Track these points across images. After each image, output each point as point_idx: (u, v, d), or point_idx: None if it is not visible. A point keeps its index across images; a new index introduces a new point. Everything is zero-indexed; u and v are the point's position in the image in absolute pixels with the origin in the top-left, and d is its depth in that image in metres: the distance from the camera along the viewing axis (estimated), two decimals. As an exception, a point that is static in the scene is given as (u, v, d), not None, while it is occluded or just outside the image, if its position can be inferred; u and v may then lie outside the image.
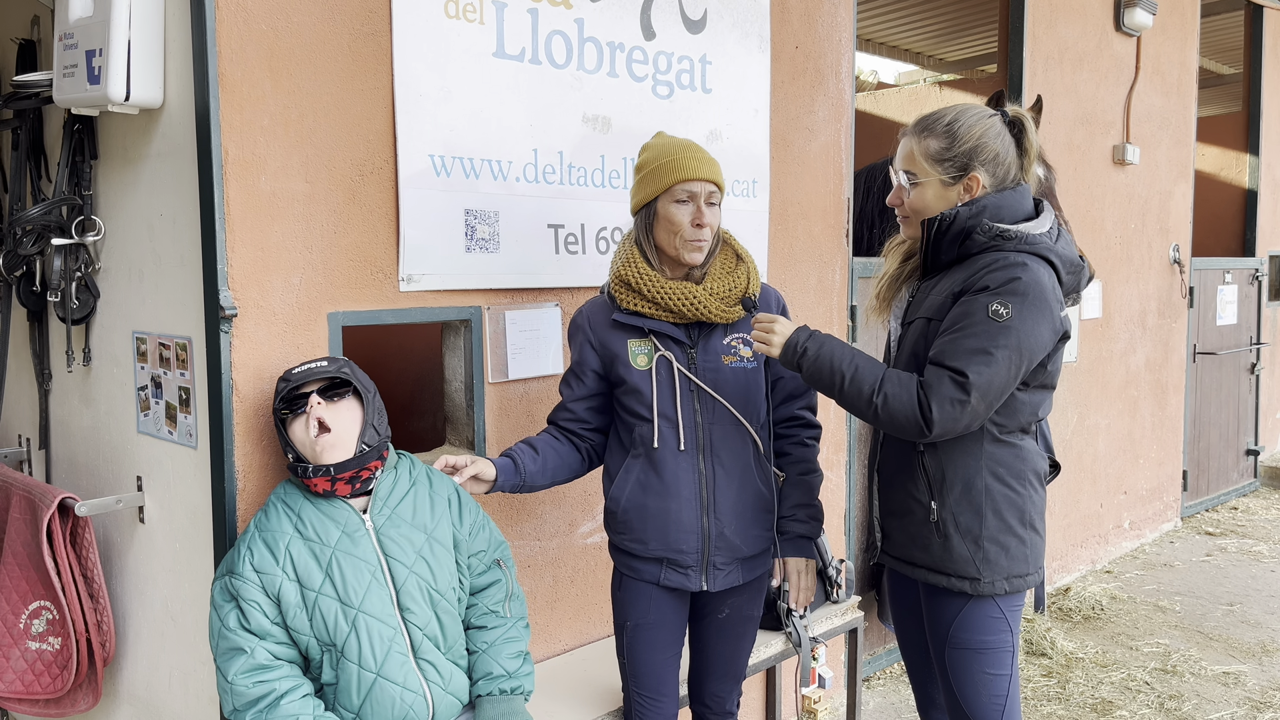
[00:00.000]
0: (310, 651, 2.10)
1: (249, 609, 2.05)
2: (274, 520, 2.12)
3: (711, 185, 2.31)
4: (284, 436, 2.15)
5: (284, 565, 2.08)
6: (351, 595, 2.08)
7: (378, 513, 2.17)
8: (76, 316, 2.63)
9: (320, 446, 2.09)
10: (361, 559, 2.11)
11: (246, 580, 2.06)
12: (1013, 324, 2.07)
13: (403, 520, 2.19)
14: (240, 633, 2.05)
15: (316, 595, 2.07)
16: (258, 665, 2.04)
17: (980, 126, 2.23)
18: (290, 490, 2.17)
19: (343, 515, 2.14)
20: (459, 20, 2.55)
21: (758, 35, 3.34)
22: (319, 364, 2.16)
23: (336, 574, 2.09)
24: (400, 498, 2.21)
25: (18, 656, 2.55)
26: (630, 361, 2.38)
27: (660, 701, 2.51)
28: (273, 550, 2.08)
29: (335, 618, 2.07)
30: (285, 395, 2.13)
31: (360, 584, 2.09)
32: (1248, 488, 7.35)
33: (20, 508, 2.58)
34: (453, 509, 2.28)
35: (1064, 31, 5.12)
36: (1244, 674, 4.25)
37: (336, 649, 2.08)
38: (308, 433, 2.10)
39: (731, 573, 2.41)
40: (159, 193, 2.35)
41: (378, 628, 2.09)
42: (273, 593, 2.06)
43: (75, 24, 2.28)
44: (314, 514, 2.13)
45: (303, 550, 2.09)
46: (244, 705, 2.03)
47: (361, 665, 2.08)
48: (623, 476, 2.41)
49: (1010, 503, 2.21)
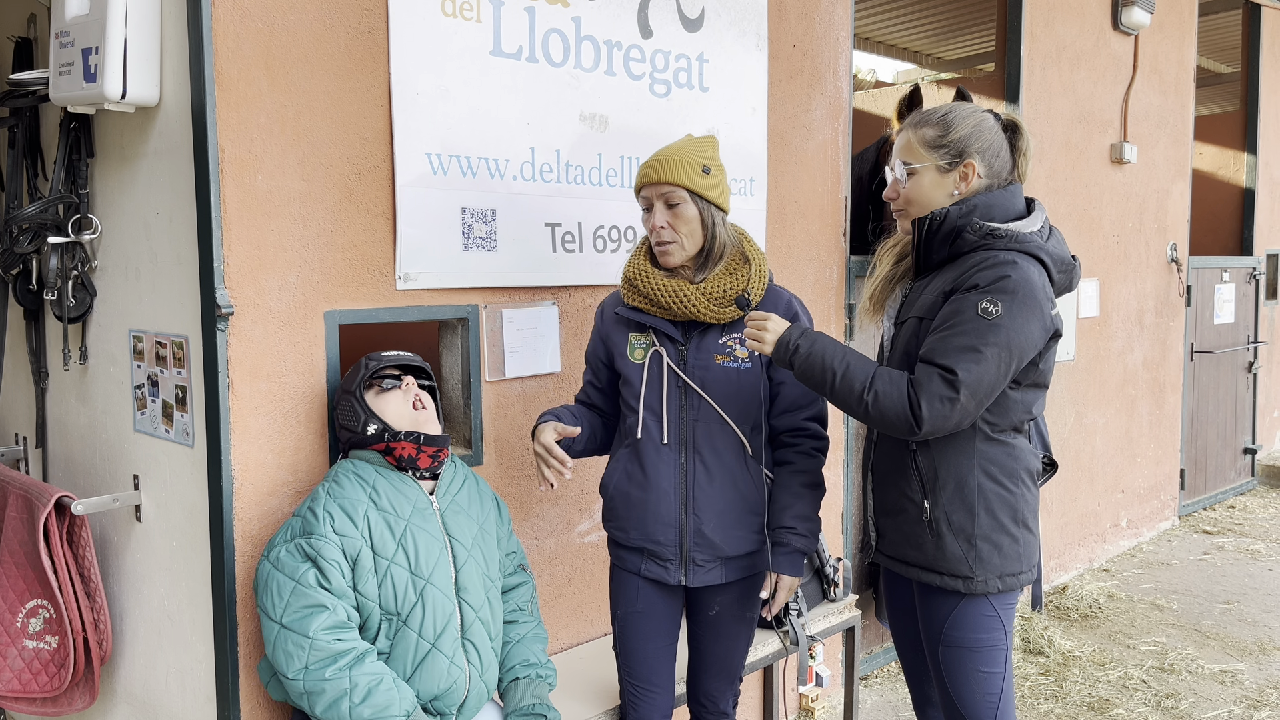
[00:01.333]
0: (370, 619, 2.15)
1: (328, 568, 2.08)
2: (349, 489, 2.18)
3: (668, 187, 2.30)
4: (365, 408, 2.25)
5: (362, 530, 2.14)
6: (423, 567, 2.17)
7: (442, 496, 2.31)
8: (73, 315, 2.63)
9: (422, 418, 2.28)
10: (432, 535, 2.22)
11: (328, 540, 2.09)
12: (1002, 322, 2.07)
13: (461, 509, 2.32)
14: (320, 590, 2.07)
15: (389, 564, 2.14)
16: (339, 623, 2.07)
17: (974, 118, 2.25)
18: (361, 464, 2.25)
19: (413, 492, 2.25)
20: (456, 18, 2.55)
21: (755, 34, 3.34)
22: (406, 354, 2.36)
23: (410, 545, 2.18)
24: (459, 488, 2.36)
25: (15, 655, 2.55)
26: (627, 354, 2.44)
27: (653, 692, 2.53)
28: (351, 515, 2.14)
29: (405, 587, 2.15)
30: (375, 371, 2.28)
31: (431, 558, 2.20)
32: (1245, 486, 7.36)
33: (17, 506, 2.58)
34: (497, 508, 2.47)
35: (1062, 30, 5.12)
36: (1241, 672, 4.25)
37: (399, 617, 2.15)
38: (407, 404, 2.28)
39: (713, 570, 2.42)
40: (155, 191, 2.35)
41: (441, 601, 2.19)
42: (351, 555, 2.12)
43: (72, 22, 2.28)
44: (388, 487, 2.22)
45: (378, 519, 2.17)
46: (323, 660, 2.03)
47: (421, 635, 2.15)
48: (613, 465, 2.48)
49: (1003, 501, 2.22)
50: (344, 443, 2.30)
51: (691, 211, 2.32)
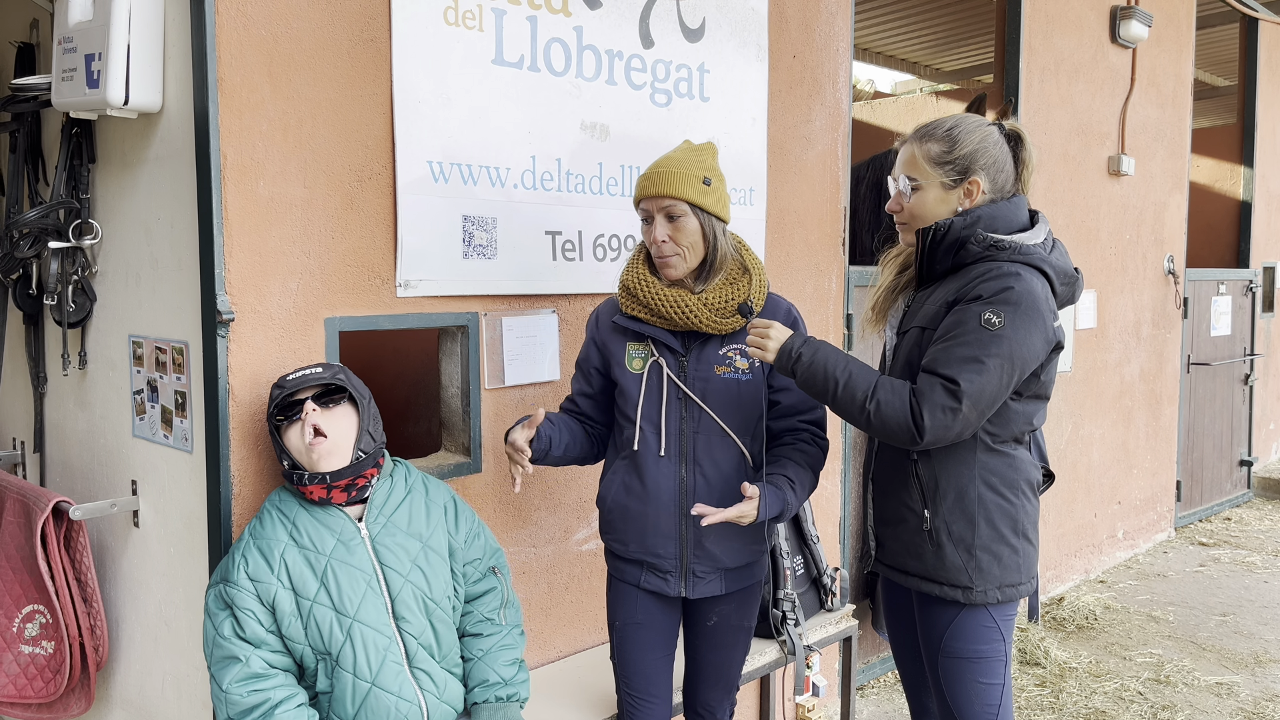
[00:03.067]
0: (305, 660, 2.09)
1: (244, 617, 2.04)
2: (269, 528, 2.11)
3: (669, 200, 2.29)
4: (279, 443, 2.13)
5: (279, 573, 2.07)
6: (347, 604, 2.07)
7: (373, 521, 2.17)
8: (73, 320, 2.63)
9: (316, 454, 2.07)
10: (357, 568, 2.11)
11: (241, 588, 2.04)
12: (1005, 333, 2.08)
13: (398, 528, 2.18)
14: (235, 641, 2.03)
15: (312, 604, 2.07)
16: (253, 674, 2.03)
17: (980, 133, 2.25)
18: (285, 497, 2.17)
19: (338, 523, 2.14)
20: (458, 27, 2.55)
21: (756, 44, 3.36)
22: (314, 370, 2.15)
23: (332, 583, 2.08)
24: (396, 505, 2.21)
25: (10, 661, 2.55)
26: (625, 364, 2.41)
27: (650, 703, 2.52)
28: (268, 558, 2.07)
29: (330, 627, 2.06)
30: (280, 402, 2.12)
31: (356, 593, 2.09)
32: (1241, 498, 7.37)
33: (14, 511, 2.58)
34: (449, 517, 2.29)
35: (1060, 43, 5.14)
36: (1237, 684, 4.25)
37: (331, 658, 2.07)
38: (303, 439, 2.08)
39: (713, 582, 2.41)
40: (157, 197, 2.36)
41: (373, 637, 2.08)
42: (268, 601, 2.05)
43: (75, 28, 2.29)
44: (309, 522, 2.12)
45: (298, 558, 2.08)
46: (238, 714, 2.02)
47: (356, 674, 2.07)
48: (610, 477, 2.46)
49: (1003, 512, 2.22)
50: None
51: (693, 224, 2.30)
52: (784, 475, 2.32)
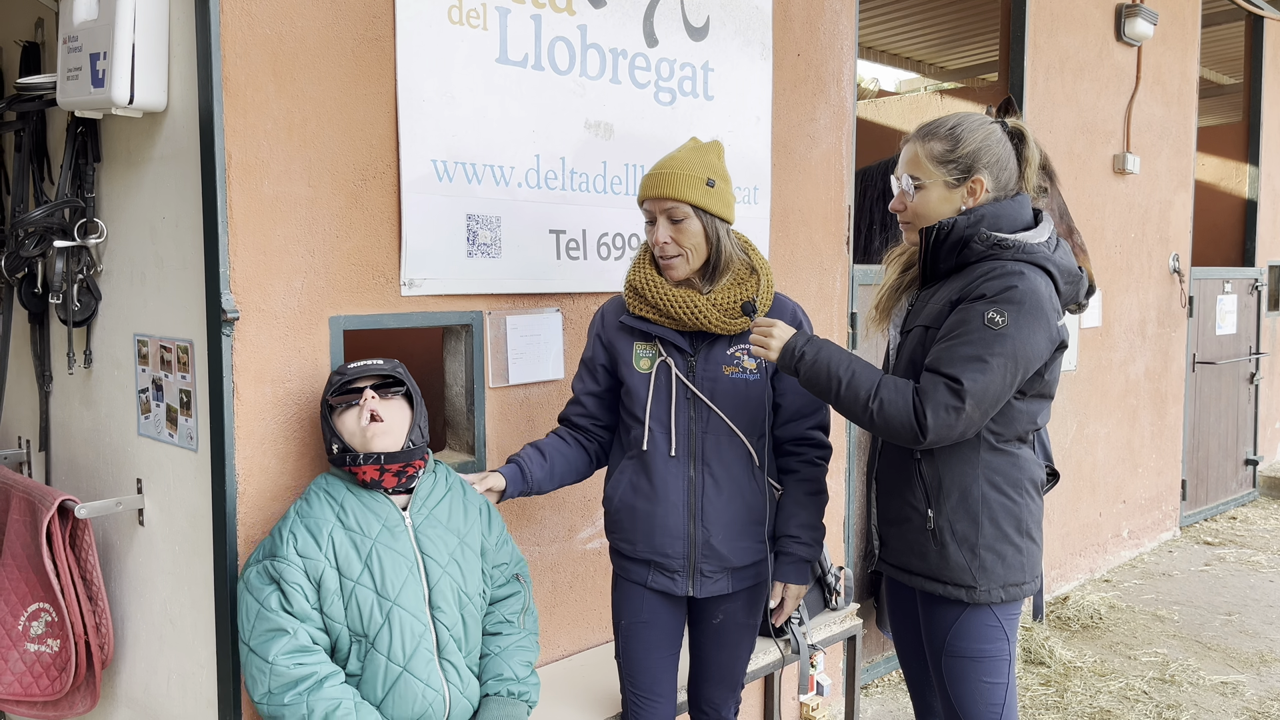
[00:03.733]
0: (340, 642, 2.12)
1: (291, 591, 2.07)
2: (316, 508, 2.15)
3: (670, 202, 2.29)
4: (330, 427, 2.19)
5: (326, 551, 2.11)
6: (389, 588, 2.12)
7: (417, 511, 2.23)
8: (78, 319, 2.63)
9: (370, 434, 2.16)
10: (400, 554, 2.16)
11: (290, 563, 2.08)
12: (1008, 332, 2.07)
13: (439, 522, 2.24)
14: (282, 614, 2.06)
15: (354, 585, 2.11)
16: (300, 647, 2.06)
17: (983, 131, 2.25)
18: (333, 481, 2.21)
19: (384, 509, 2.19)
20: (462, 26, 2.55)
21: (760, 43, 3.35)
22: (375, 362, 2.26)
23: (375, 565, 2.12)
24: (438, 500, 2.28)
25: (16, 659, 2.55)
26: (633, 364, 2.41)
27: (656, 702, 2.52)
28: (315, 537, 2.11)
29: (371, 608, 2.10)
30: (338, 387, 2.20)
31: (398, 578, 2.13)
32: (1246, 497, 7.36)
33: (20, 510, 2.59)
34: (483, 518, 2.36)
35: (1065, 41, 5.13)
36: (1242, 684, 4.25)
37: (367, 640, 2.11)
38: (359, 422, 2.17)
39: (720, 581, 2.42)
40: (162, 196, 2.36)
41: (410, 622, 2.13)
42: (314, 577, 2.09)
43: (80, 27, 2.29)
44: (356, 505, 2.17)
45: (344, 539, 2.13)
46: (283, 686, 2.02)
47: (390, 658, 2.11)
48: (617, 477, 2.46)
49: (1007, 511, 2.21)
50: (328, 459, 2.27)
51: (695, 226, 2.30)
52: (790, 536, 2.42)
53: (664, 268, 2.36)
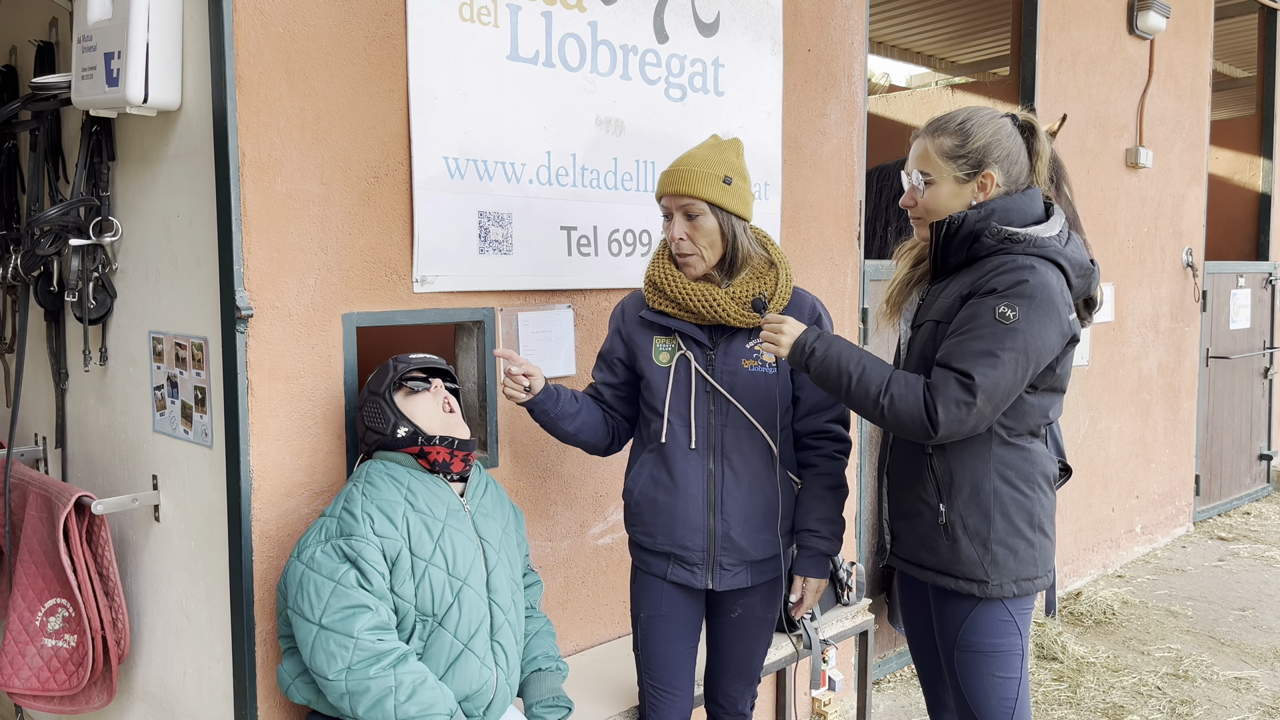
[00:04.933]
0: (405, 620, 2.15)
1: (370, 570, 2.08)
2: (385, 490, 2.18)
3: (687, 199, 2.31)
4: (395, 410, 2.26)
5: (401, 531, 2.15)
6: (460, 568, 2.20)
7: (471, 499, 2.33)
8: (93, 316, 2.65)
9: (453, 421, 2.30)
10: (467, 536, 2.24)
11: (369, 542, 2.09)
12: (1019, 326, 2.07)
13: (488, 512, 2.35)
14: (362, 591, 2.07)
15: (427, 565, 2.15)
16: (382, 623, 2.08)
17: (993, 125, 2.24)
18: (392, 466, 2.25)
19: (446, 494, 2.27)
20: (473, 23, 2.56)
21: (770, 38, 3.35)
22: (432, 356, 2.39)
23: (448, 546, 2.20)
24: (484, 491, 2.39)
25: (34, 653, 2.58)
26: (652, 357, 2.43)
27: (673, 695, 2.53)
28: (390, 517, 2.14)
29: (443, 588, 2.16)
30: (404, 374, 2.30)
31: (467, 559, 2.22)
32: (1260, 493, 7.32)
33: (37, 506, 2.61)
34: (513, 511, 2.50)
35: (1077, 35, 5.11)
36: (1256, 679, 4.23)
37: (435, 619, 2.16)
38: (437, 406, 2.29)
39: (739, 574, 2.43)
40: (176, 194, 2.37)
41: (475, 602, 2.21)
42: (390, 556, 2.12)
43: (94, 26, 2.31)
44: (421, 489, 2.23)
45: (416, 520, 2.18)
46: (367, 660, 2.03)
47: (456, 635, 2.17)
48: (637, 469, 2.48)
49: (1019, 505, 2.21)
50: (369, 444, 2.30)
51: (711, 223, 2.32)
52: (810, 530, 2.43)
53: (680, 264, 2.37)
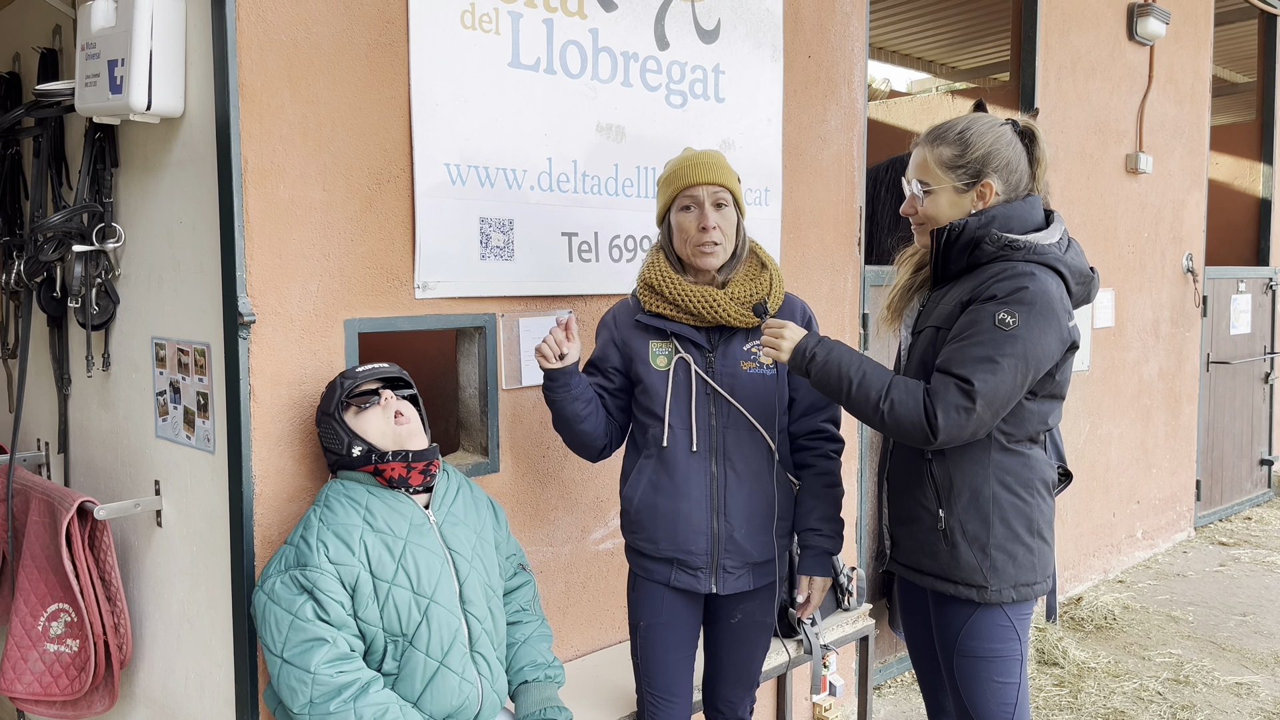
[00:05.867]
0: (375, 644, 2.12)
1: (327, 600, 2.06)
2: (341, 513, 2.14)
3: (716, 187, 2.34)
4: (347, 430, 2.20)
5: (359, 556, 2.11)
6: (425, 585, 2.14)
7: (438, 509, 2.27)
8: (96, 322, 2.66)
9: (405, 432, 2.21)
10: (432, 551, 2.19)
11: (324, 572, 2.06)
12: (1019, 333, 2.08)
13: (458, 519, 2.29)
14: (319, 623, 2.05)
15: (390, 586, 2.11)
16: (341, 655, 2.05)
17: (992, 134, 2.25)
18: (350, 485, 2.21)
19: (409, 509, 2.21)
20: (475, 30, 2.57)
21: (770, 45, 3.36)
22: (380, 365, 2.30)
23: (410, 565, 2.14)
24: (453, 498, 2.33)
25: (36, 658, 2.58)
26: (650, 361, 2.42)
27: (673, 702, 2.53)
28: (347, 543, 2.10)
29: (409, 608, 2.12)
30: (352, 390, 2.23)
31: (433, 574, 2.16)
32: (1261, 498, 7.32)
33: (39, 511, 2.62)
34: (491, 513, 2.42)
35: (1077, 40, 5.12)
36: (1257, 685, 4.23)
37: (405, 639, 2.13)
38: (387, 421, 2.21)
39: (742, 577, 2.43)
40: (179, 200, 2.38)
41: (446, 617, 2.16)
42: (349, 584, 2.09)
43: (97, 34, 2.32)
44: (381, 507, 2.18)
45: (376, 542, 2.13)
46: (327, 695, 2.01)
47: (428, 654, 2.13)
48: (635, 476, 2.46)
49: (1018, 511, 2.22)
50: (330, 464, 2.27)
51: (732, 215, 2.38)
52: (812, 530, 2.45)
53: (700, 255, 2.35)
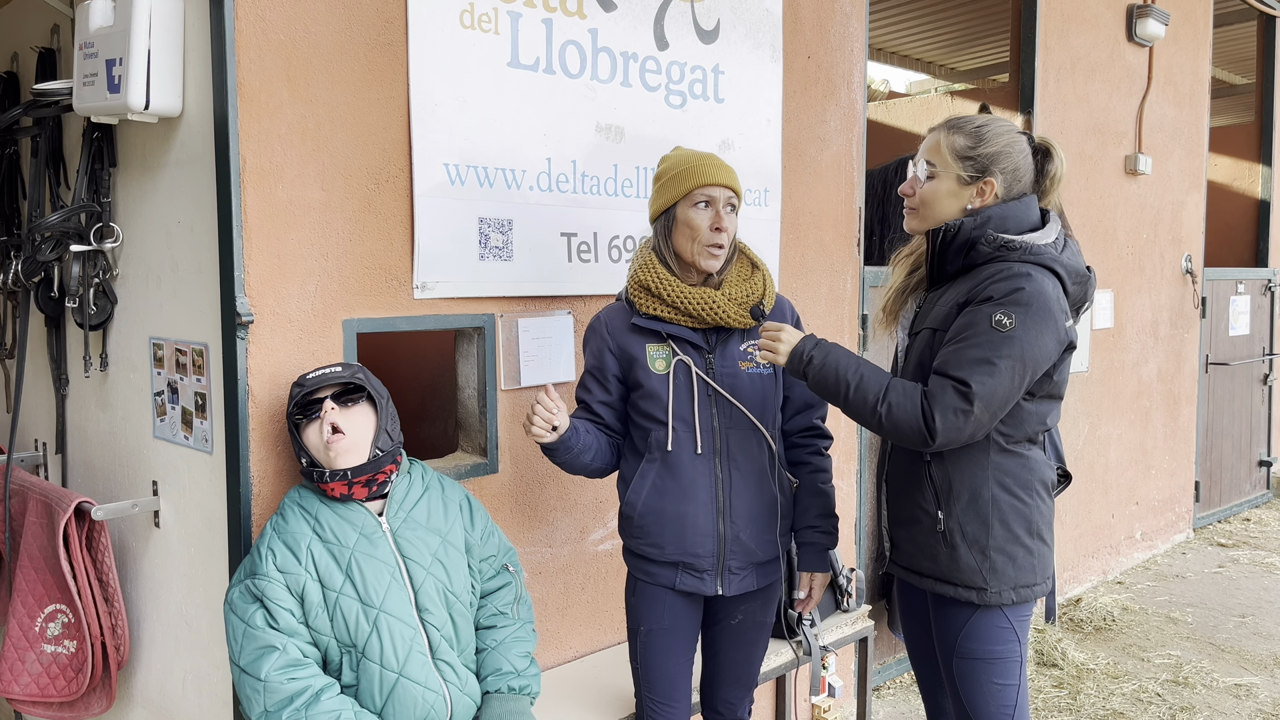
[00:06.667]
0: (330, 654, 2.11)
1: (275, 608, 2.06)
2: (292, 523, 2.13)
3: (730, 191, 2.36)
4: (298, 441, 2.17)
5: (306, 565, 2.09)
6: (372, 595, 2.10)
7: (393, 515, 2.20)
8: (94, 322, 2.66)
9: (334, 452, 2.11)
10: (380, 560, 2.14)
11: (272, 580, 2.06)
12: (1016, 334, 2.07)
13: (418, 524, 2.22)
14: (269, 631, 2.05)
15: (337, 595, 2.09)
16: (291, 661, 2.04)
17: (1008, 137, 2.25)
18: (305, 494, 2.19)
19: (359, 518, 2.17)
20: (474, 30, 2.57)
21: (770, 45, 3.36)
22: (333, 369, 2.19)
23: (356, 574, 2.11)
24: (415, 501, 2.25)
25: (33, 659, 2.58)
26: (649, 365, 2.39)
27: (673, 707, 2.52)
28: (294, 551, 2.10)
29: (356, 618, 2.09)
30: (300, 400, 2.16)
31: (380, 584, 2.12)
32: (1260, 499, 7.32)
33: (37, 512, 2.61)
34: (464, 513, 2.33)
35: (1076, 42, 5.12)
36: (1256, 686, 4.23)
37: (357, 650, 2.10)
38: (321, 437, 2.12)
39: (746, 577, 2.42)
40: (177, 200, 2.38)
41: (399, 627, 2.11)
42: (297, 592, 2.08)
43: (95, 33, 2.31)
44: (331, 517, 2.15)
45: (323, 551, 2.11)
46: (279, 703, 2.01)
47: (384, 665, 2.09)
48: (638, 481, 2.41)
49: (1017, 513, 2.22)
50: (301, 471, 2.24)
51: (735, 219, 2.39)
52: (811, 527, 2.49)
53: (711, 255, 2.34)
